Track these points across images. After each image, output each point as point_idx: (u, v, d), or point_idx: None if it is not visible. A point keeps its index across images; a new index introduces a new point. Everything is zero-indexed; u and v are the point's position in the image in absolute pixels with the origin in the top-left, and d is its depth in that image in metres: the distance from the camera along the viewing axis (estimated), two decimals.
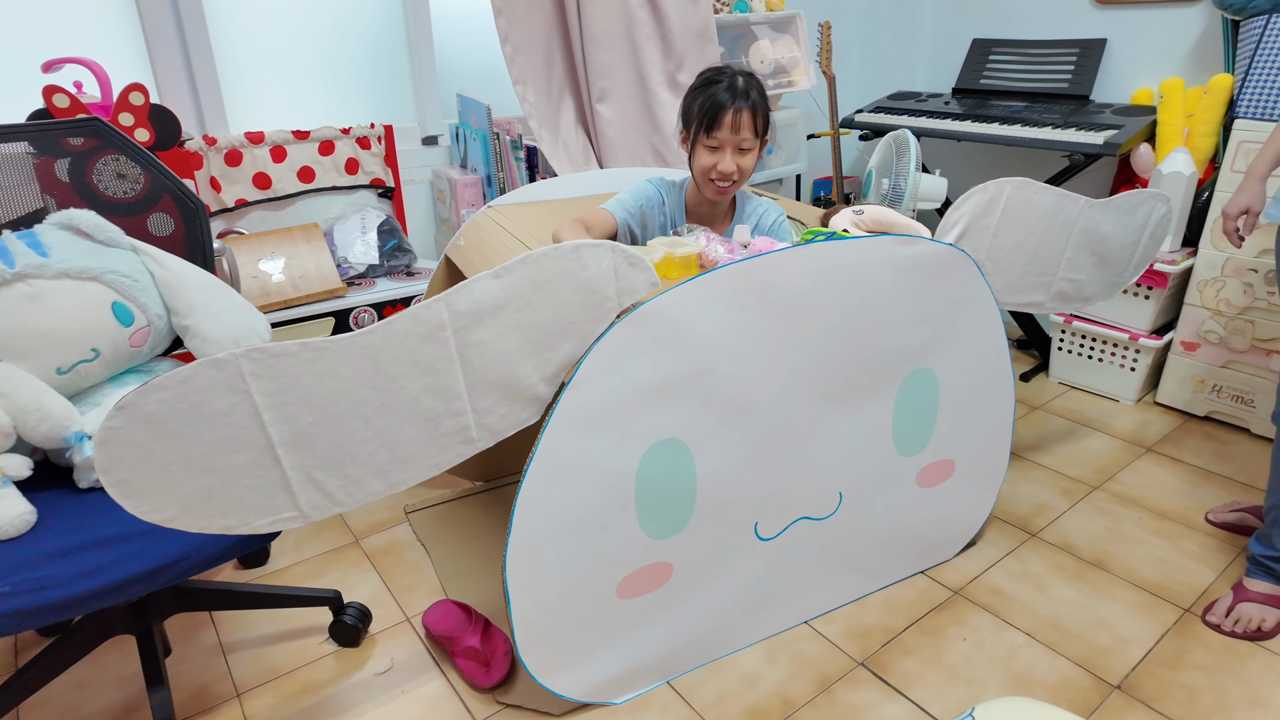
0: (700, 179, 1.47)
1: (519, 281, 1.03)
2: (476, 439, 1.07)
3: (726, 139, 1.40)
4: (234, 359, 0.87)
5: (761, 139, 1.44)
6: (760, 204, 1.59)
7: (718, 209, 1.55)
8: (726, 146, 1.41)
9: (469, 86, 2.24)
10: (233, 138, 1.87)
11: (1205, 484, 1.94)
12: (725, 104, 1.38)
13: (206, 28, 1.84)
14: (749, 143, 1.41)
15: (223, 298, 1.26)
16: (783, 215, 1.58)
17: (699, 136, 1.42)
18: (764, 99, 1.42)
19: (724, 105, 1.38)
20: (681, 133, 1.47)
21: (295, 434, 0.93)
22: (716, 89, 1.39)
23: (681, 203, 1.56)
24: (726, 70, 1.40)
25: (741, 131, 1.39)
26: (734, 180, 1.44)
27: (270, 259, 1.87)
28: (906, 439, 1.49)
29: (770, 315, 1.24)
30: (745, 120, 1.39)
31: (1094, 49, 2.56)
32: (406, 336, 0.96)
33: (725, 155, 1.41)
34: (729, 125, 1.38)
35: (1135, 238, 1.71)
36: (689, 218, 1.55)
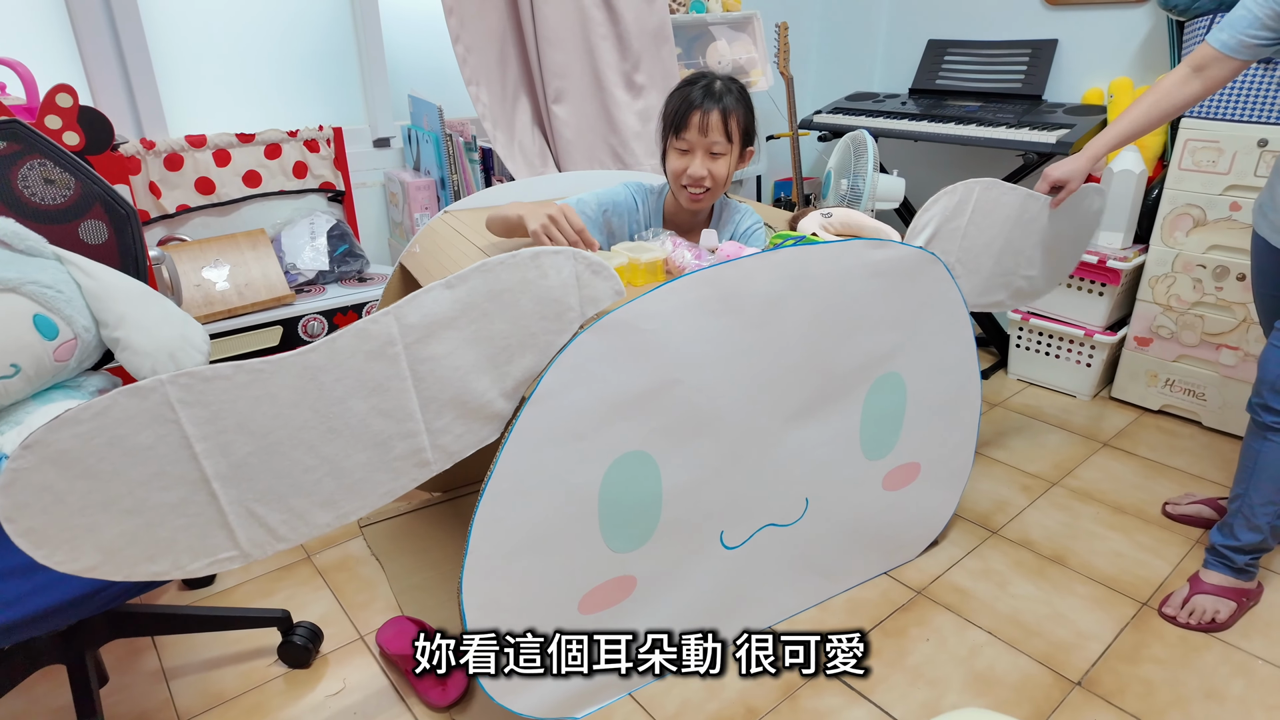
0: (673, 184, 1.42)
1: (474, 292, 0.98)
2: (432, 461, 1.03)
3: (696, 141, 1.34)
4: (159, 385, 0.81)
5: (742, 146, 1.38)
6: (738, 210, 1.55)
7: (696, 218, 1.49)
8: (696, 150, 1.35)
9: (421, 87, 2.18)
10: (172, 141, 1.79)
11: (1160, 477, 1.98)
12: (695, 104, 1.32)
13: (142, 26, 1.76)
14: (720, 146, 1.35)
15: (155, 308, 1.19)
16: (759, 222, 1.53)
17: (669, 138, 1.38)
18: (744, 104, 1.36)
19: (693, 105, 1.32)
20: (659, 139, 1.43)
21: (232, 465, 0.87)
22: (691, 89, 1.35)
23: (660, 210, 1.51)
24: (709, 73, 1.35)
25: (711, 134, 1.33)
26: (706, 187, 1.38)
27: (214, 266, 1.79)
28: (873, 443, 1.48)
29: (739, 322, 1.22)
30: (715, 122, 1.33)
31: (1046, 49, 2.60)
32: (352, 354, 0.91)
33: (695, 159, 1.36)
34: (697, 126, 1.33)
35: (1075, 231, 1.74)
36: (666, 225, 1.51)
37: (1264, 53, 1.35)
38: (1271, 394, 1.38)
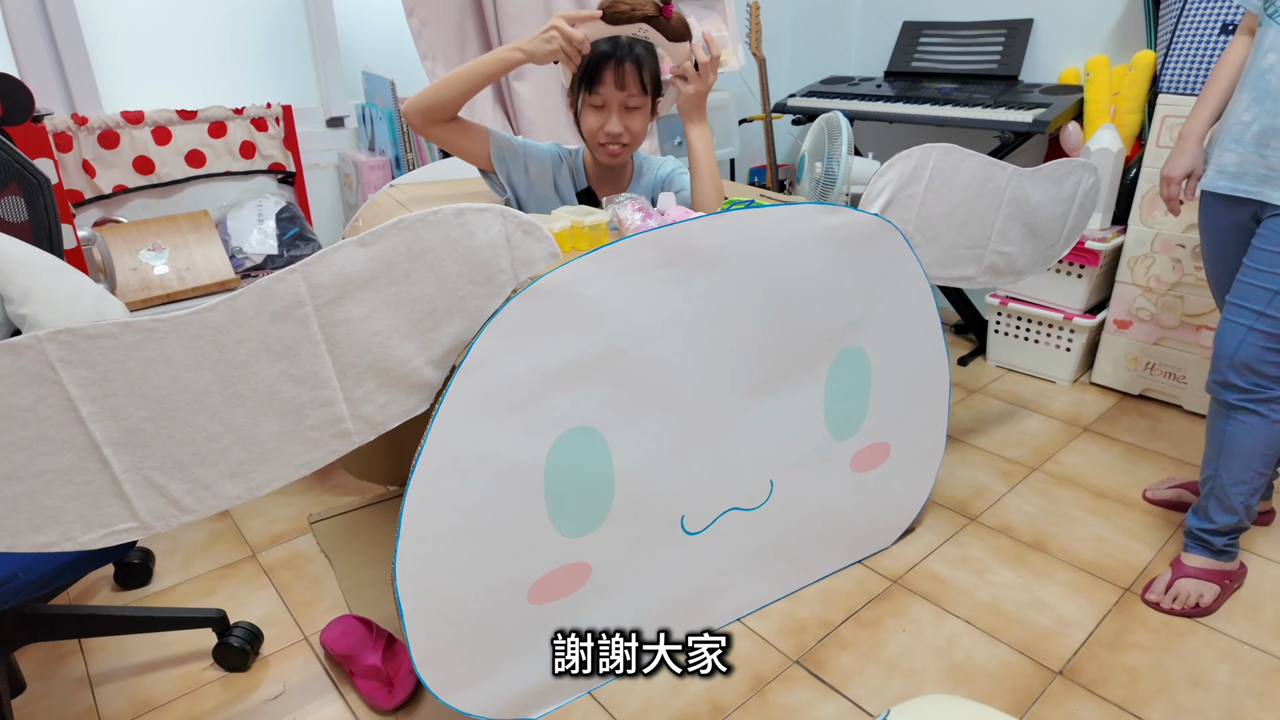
0: (590, 143, 1.38)
1: (391, 250, 0.91)
2: (353, 432, 0.95)
3: (611, 96, 1.30)
4: (37, 342, 0.73)
5: (652, 98, 1.35)
6: (652, 161, 1.51)
7: (617, 173, 1.47)
8: (612, 105, 1.31)
9: (375, 64, 2.10)
10: (107, 117, 1.70)
11: (1141, 461, 1.92)
12: (607, 57, 1.28)
13: None
14: (637, 99, 1.32)
15: (66, 283, 1.10)
16: (679, 165, 1.48)
17: (582, 96, 1.32)
18: (652, 54, 1.32)
19: (605, 58, 1.28)
20: (568, 96, 1.37)
21: (125, 431, 0.79)
22: (598, 44, 1.30)
23: (580, 166, 1.47)
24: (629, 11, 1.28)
25: (627, 87, 1.30)
26: (624, 143, 1.35)
27: (152, 250, 1.70)
28: (839, 421, 1.41)
29: (687, 289, 1.15)
30: (630, 74, 1.29)
31: (1021, 29, 2.54)
32: (256, 314, 0.83)
33: (612, 115, 1.32)
34: (612, 81, 1.29)
35: (1064, 208, 1.67)
36: (590, 181, 1.46)
37: None
38: (1230, 370, 1.32)
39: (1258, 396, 1.31)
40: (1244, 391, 1.31)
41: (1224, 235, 1.42)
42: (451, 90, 1.30)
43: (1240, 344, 1.30)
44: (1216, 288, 1.50)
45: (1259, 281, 1.28)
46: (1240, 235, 1.37)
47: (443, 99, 1.30)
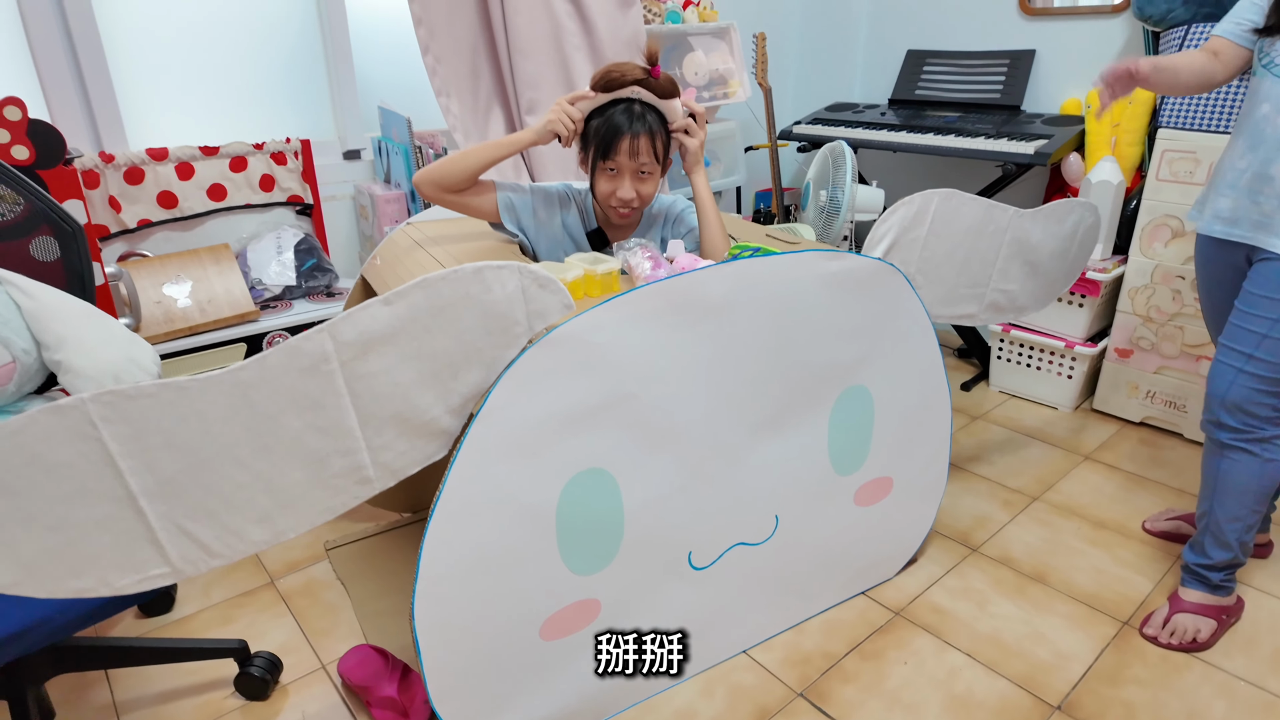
0: (602, 203, 1.43)
1: (414, 308, 0.95)
2: (374, 479, 0.99)
3: (624, 164, 1.35)
4: (80, 403, 0.77)
5: (663, 162, 1.39)
6: (667, 199, 1.55)
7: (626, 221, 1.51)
8: (625, 172, 1.36)
9: (391, 99, 2.16)
10: (132, 154, 1.76)
11: (1141, 491, 1.95)
12: (622, 129, 1.32)
13: (99, 35, 1.73)
14: (649, 167, 1.36)
15: (98, 328, 1.15)
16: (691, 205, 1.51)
17: (597, 161, 1.37)
18: (662, 123, 1.37)
19: (620, 131, 1.32)
20: (580, 153, 1.42)
21: (159, 482, 0.84)
22: (613, 112, 1.34)
23: (589, 207, 1.52)
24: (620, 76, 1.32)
25: (640, 157, 1.34)
26: (634, 207, 1.40)
27: (175, 283, 1.75)
28: (843, 457, 1.45)
29: (695, 334, 1.19)
30: (643, 145, 1.33)
31: (1023, 60, 2.59)
32: (285, 371, 0.88)
33: (624, 182, 1.36)
34: (626, 151, 1.33)
35: (1065, 247, 1.71)
36: (599, 221, 1.51)
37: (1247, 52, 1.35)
38: (1222, 410, 1.35)
39: (1250, 436, 1.34)
40: (1236, 431, 1.34)
41: (1218, 277, 1.46)
42: (465, 166, 1.35)
43: (1231, 385, 1.33)
44: (1211, 326, 1.54)
45: (1249, 325, 1.31)
46: (1233, 277, 1.41)
47: (456, 174, 1.36)
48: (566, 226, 1.51)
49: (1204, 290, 1.52)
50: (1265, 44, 1.32)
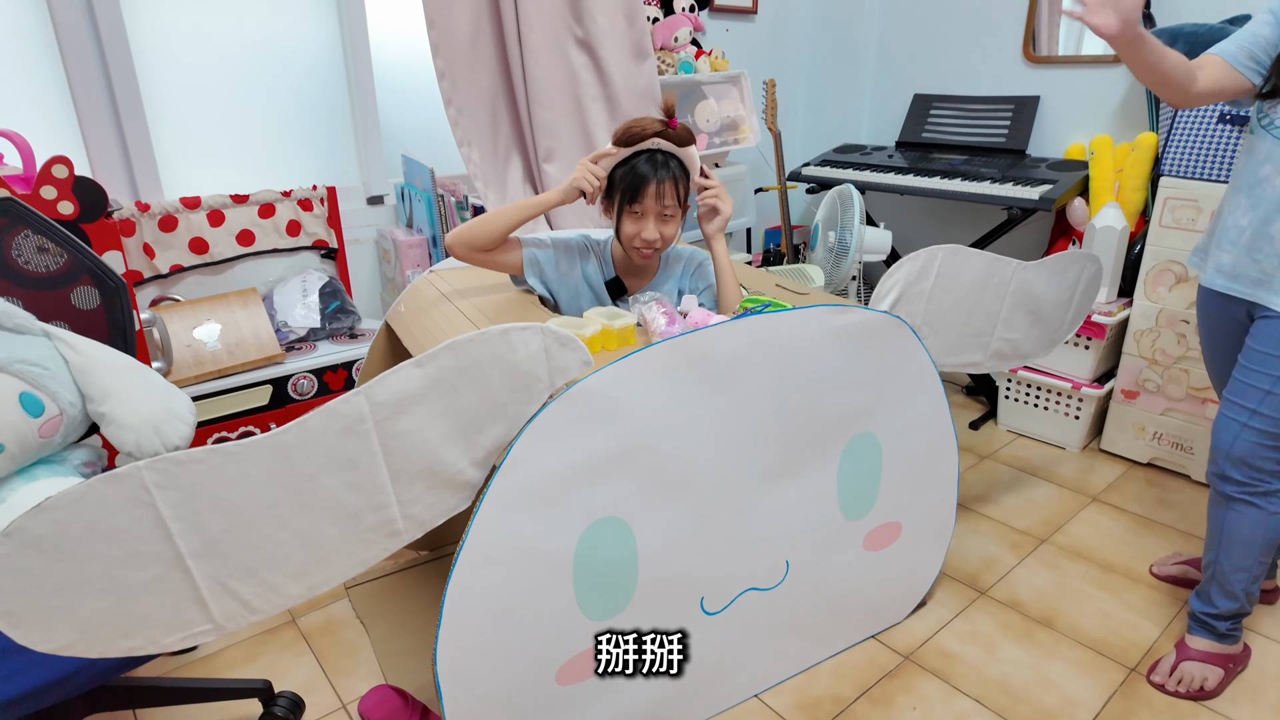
0: (626, 246, 1.50)
1: (443, 369, 1.00)
2: (403, 531, 1.04)
3: (650, 208, 1.43)
4: (136, 471, 0.82)
5: (684, 205, 1.47)
6: (685, 250, 1.63)
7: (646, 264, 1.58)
8: (650, 215, 1.44)
9: (413, 144, 2.24)
10: (167, 203, 1.83)
11: (1148, 533, 1.97)
12: (648, 176, 1.41)
13: (139, 92, 1.81)
14: (671, 210, 1.45)
15: (139, 381, 1.21)
16: (706, 260, 1.59)
17: (623, 207, 1.44)
18: (683, 169, 1.45)
19: (646, 178, 1.41)
20: (603, 201, 1.49)
21: (206, 543, 0.88)
22: (637, 161, 1.42)
23: (609, 256, 1.58)
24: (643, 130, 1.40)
25: (665, 200, 1.43)
26: (657, 248, 1.47)
27: (205, 326, 1.82)
28: (852, 503, 1.48)
29: (708, 387, 1.24)
30: (669, 190, 1.42)
31: (1028, 105, 2.65)
32: (324, 432, 0.93)
33: (649, 223, 1.44)
34: (653, 195, 1.42)
35: (1068, 296, 1.75)
36: (617, 270, 1.57)
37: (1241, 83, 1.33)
38: (1227, 463, 1.38)
39: (1255, 490, 1.36)
40: (1241, 484, 1.37)
41: (1220, 330, 1.49)
42: (494, 227, 1.44)
43: (1236, 439, 1.36)
44: (1213, 374, 1.57)
45: (1252, 380, 1.35)
46: (1236, 331, 1.44)
47: (486, 235, 1.44)
48: (586, 276, 1.57)
49: (1205, 340, 1.55)
50: (1265, 105, 1.34)
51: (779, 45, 3.05)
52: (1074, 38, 2.60)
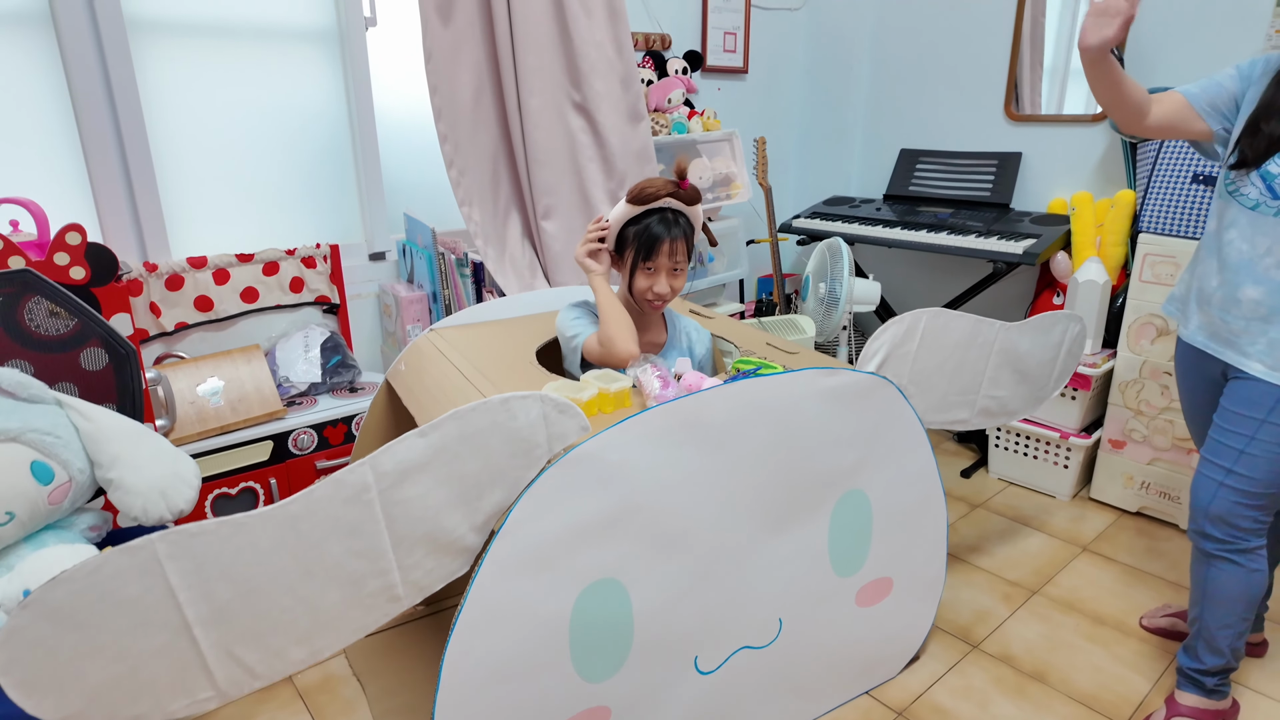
0: (638, 299, 1.57)
1: (446, 437, 1.04)
2: (403, 596, 1.06)
3: (662, 264, 1.51)
4: (149, 543, 0.86)
5: (689, 262, 1.56)
6: (688, 326, 1.70)
7: (650, 320, 1.65)
8: (662, 271, 1.52)
9: (414, 199, 2.30)
10: (174, 263, 1.88)
11: (1139, 584, 1.99)
12: (662, 236, 1.49)
13: (150, 154, 1.88)
14: (681, 264, 1.54)
15: (147, 446, 1.24)
16: (704, 336, 1.70)
17: (637, 263, 1.51)
18: (690, 227, 1.54)
19: (660, 237, 1.49)
20: (612, 255, 1.56)
21: (213, 611, 0.91)
22: (650, 221, 1.49)
23: None
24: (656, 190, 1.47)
25: (676, 256, 1.52)
26: (667, 298, 1.55)
27: (209, 383, 1.85)
28: (843, 560, 1.51)
29: (702, 449, 1.27)
30: (680, 247, 1.52)
31: (1011, 161, 2.74)
32: (329, 501, 0.96)
33: (661, 278, 1.52)
34: (666, 253, 1.50)
35: (1053, 355, 1.80)
36: None
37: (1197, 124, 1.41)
38: (1206, 522, 1.41)
39: (1234, 547, 1.40)
40: (1221, 542, 1.40)
41: (1198, 385, 1.53)
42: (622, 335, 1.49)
43: (1214, 497, 1.40)
44: (1191, 426, 1.61)
45: (1227, 440, 1.39)
46: (1211, 387, 1.49)
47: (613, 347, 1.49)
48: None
49: (1184, 394, 1.60)
50: (1234, 174, 1.39)
51: (770, 102, 3.15)
52: (1055, 97, 2.71)
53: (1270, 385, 1.34)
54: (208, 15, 1.92)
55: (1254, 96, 1.36)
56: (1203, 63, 2.26)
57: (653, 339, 1.65)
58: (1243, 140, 1.35)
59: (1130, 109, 1.41)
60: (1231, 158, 1.37)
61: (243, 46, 1.98)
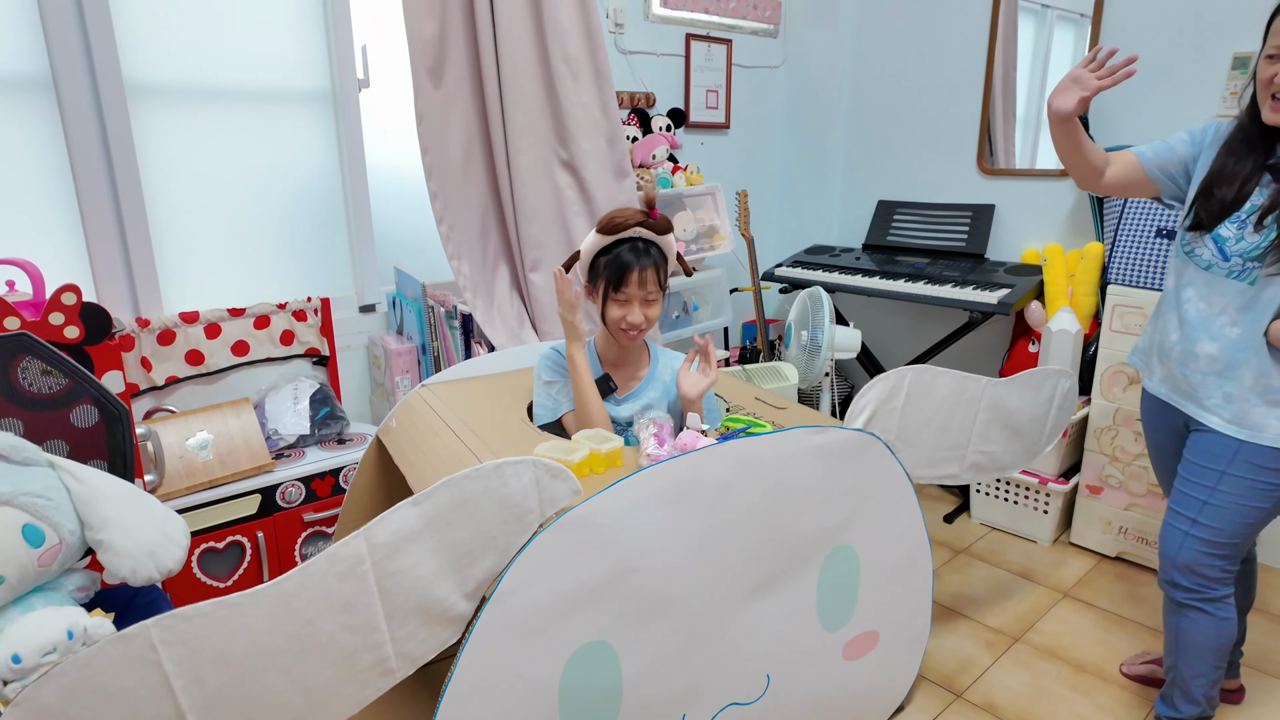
0: (612, 329, 1.59)
1: (439, 506, 1.06)
2: (396, 669, 1.07)
3: (635, 294, 1.53)
4: (145, 630, 0.86)
5: (663, 288, 1.57)
6: (672, 360, 1.70)
7: (629, 353, 1.66)
8: (634, 300, 1.54)
9: (403, 253, 2.34)
10: (166, 319, 1.90)
11: (1119, 630, 2.02)
12: (631, 264, 1.51)
13: (145, 212, 1.90)
14: (654, 294, 1.55)
15: (138, 507, 1.25)
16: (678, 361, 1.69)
17: (608, 293, 1.54)
18: (662, 255, 1.56)
19: (630, 265, 1.51)
20: (587, 287, 1.59)
21: (206, 697, 0.91)
22: (620, 250, 1.53)
23: (594, 355, 1.67)
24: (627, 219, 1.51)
25: (648, 286, 1.53)
26: (642, 328, 1.57)
27: (198, 437, 1.86)
28: (830, 615, 1.53)
29: (694, 509, 1.30)
30: (650, 276, 1.53)
31: (985, 213, 2.83)
32: (324, 577, 0.97)
33: (634, 308, 1.54)
34: (636, 282, 1.52)
35: (1044, 410, 1.83)
36: (604, 365, 1.66)
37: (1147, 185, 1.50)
38: (1175, 571, 1.45)
39: (1203, 596, 1.44)
40: (1190, 591, 1.44)
41: (1162, 435, 1.59)
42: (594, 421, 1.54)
43: (1181, 547, 1.44)
44: (1160, 479, 1.66)
45: (1191, 491, 1.44)
46: (1175, 438, 1.54)
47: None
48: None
49: (1150, 441, 1.65)
50: (1189, 236, 1.46)
51: (752, 155, 3.24)
52: (1027, 151, 2.81)
53: (1229, 438, 1.39)
54: (206, 80, 1.97)
55: (1206, 161, 1.43)
56: (1162, 121, 2.37)
57: (632, 373, 1.67)
58: (1198, 204, 1.42)
59: (1087, 169, 1.50)
60: (1187, 220, 1.44)
61: (239, 108, 2.03)
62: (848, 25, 3.10)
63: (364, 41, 2.18)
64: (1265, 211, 1.32)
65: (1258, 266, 1.33)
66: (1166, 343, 1.50)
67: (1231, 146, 1.39)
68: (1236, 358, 1.37)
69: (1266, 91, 1.30)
